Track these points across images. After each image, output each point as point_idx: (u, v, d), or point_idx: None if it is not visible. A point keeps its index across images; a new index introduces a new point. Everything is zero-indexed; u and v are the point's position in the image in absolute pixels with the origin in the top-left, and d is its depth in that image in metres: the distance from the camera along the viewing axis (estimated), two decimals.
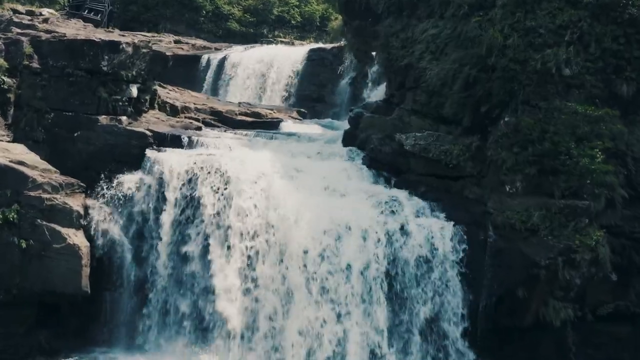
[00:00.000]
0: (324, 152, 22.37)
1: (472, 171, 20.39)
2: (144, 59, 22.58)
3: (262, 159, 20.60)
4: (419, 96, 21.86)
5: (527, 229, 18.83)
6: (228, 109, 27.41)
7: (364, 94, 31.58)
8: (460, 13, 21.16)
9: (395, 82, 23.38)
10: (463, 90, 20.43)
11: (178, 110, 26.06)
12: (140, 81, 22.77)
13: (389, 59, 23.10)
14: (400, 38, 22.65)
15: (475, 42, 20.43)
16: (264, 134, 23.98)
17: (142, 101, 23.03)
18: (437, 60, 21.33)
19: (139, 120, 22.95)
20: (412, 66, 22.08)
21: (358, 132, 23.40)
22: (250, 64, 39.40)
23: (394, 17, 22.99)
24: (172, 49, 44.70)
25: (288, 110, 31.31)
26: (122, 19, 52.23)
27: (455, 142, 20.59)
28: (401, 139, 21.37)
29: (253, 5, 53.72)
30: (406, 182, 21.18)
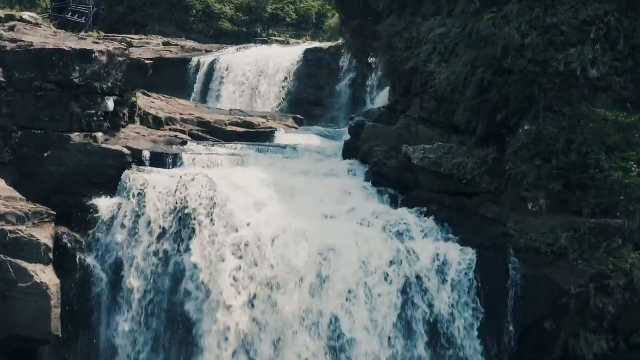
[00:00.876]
0: (323, 167, 20.42)
1: (489, 187, 18.47)
2: (120, 68, 20.58)
3: (254, 180, 18.64)
4: (427, 103, 19.93)
5: (554, 252, 17.01)
6: (217, 118, 25.39)
7: (366, 97, 29.56)
8: (471, 10, 19.17)
9: (399, 87, 21.41)
10: (476, 96, 18.48)
11: (162, 122, 24.06)
12: (118, 93, 20.79)
13: (392, 61, 21.13)
14: (404, 38, 20.69)
15: (488, 42, 18.46)
16: (256, 148, 21.94)
17: (120, 115, 21.05)
18: (446, 62, 19.36)
19: (116, 136, 20.97)
20: (419, 69, 20.12)
21: (360, 143, 21.43)
22: (242, 66, 37.37)
23: (396, 16, 21.03)
24: (160, 51, 42.81)
25: (283, 117, 29.27)
26: (108, 21, 50.20)
27: (469, 155, 18.67)
28: (408, 151, 19.41)
29: (246, 4, 51.66)
30: (415, 200, 19.23)
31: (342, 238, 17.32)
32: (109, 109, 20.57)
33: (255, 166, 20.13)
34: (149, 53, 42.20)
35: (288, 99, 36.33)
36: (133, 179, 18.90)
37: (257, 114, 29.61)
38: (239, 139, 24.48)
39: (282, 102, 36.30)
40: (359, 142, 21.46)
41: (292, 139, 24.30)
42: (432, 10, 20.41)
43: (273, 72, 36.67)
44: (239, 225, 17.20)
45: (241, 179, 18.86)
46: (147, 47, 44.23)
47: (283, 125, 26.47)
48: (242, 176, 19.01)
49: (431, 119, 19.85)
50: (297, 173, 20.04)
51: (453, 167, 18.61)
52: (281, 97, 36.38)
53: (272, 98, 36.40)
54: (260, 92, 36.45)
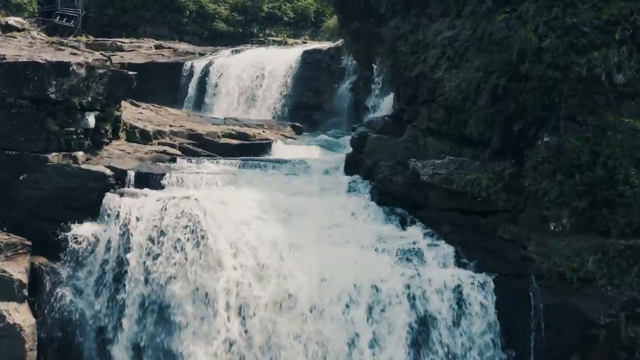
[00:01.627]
0: (323, 185, 18.92)
1: (506, 205, 16.99)
2: (101, 81, 19.12)
3: (247, 202, 17.13)
4: (435, 112, 18.45)
5: (580, 278, 15.61)
6: (209, 130, 23.93)
7: (369, 101, 28.00)
8: (482, 10, 17.66)
9: (405, 95, 19.90)
10: (490, 105, 17.00)
11: (150, 136, 22.64)
12: (99, 108, 19.35)
13: (396, 67, 19.62)
14: (409, 42, 19.18)
15: (502, 45, 16.97)
16: (250, 163, 20.46)
17: (102, 132, 19.61)
18: (456, 68, 17.86)
19: (99, 154, 19.53)
20: (426, 76, 18.63)
21: (363, 157, 19.96)
22: (237, 70, 35.89)
23: (400, 17, 19.52)
24: (152, 55, 41.43)
25: (280, 126, 27.82)
26: (98, 24, 48.70)
27: (483, 170, 17.20)
28: (416, 167, 17.94)
29: (241, 3, 50.08)
30: (425, 220, 17.76)
31: (343, 266, 15.80)
32: (90, 125, 19.12)
33: (249, 185, 18.67)
34: (140, 57, 40.84)
35: (286, 103, 34.87)
36: (115, 203, 17.47)
37: (252, 122, 28.17)
38: (232, 151, 23.05)
39: (280, 107, 34.84)
40: (362, 156, 20.00)
41: (289, 151, 22.84)
42: (439, 11, 18.90)
43: (270, 75, 35.21)
44: (227, 264, 15.68)
45: (233, 200, 17.40)
46: (138, 50, 42.86)
47: (280, 135, 25.02)
48: (234, 197, 17.56)
49: (440, 130, 18.37)
50: (294, 192, 18.60)
51: (466, 183, 17.15)
52: (279, 102, 34.92)
53: (270, 103, 34.94)
54: (257, 97, 35.01)
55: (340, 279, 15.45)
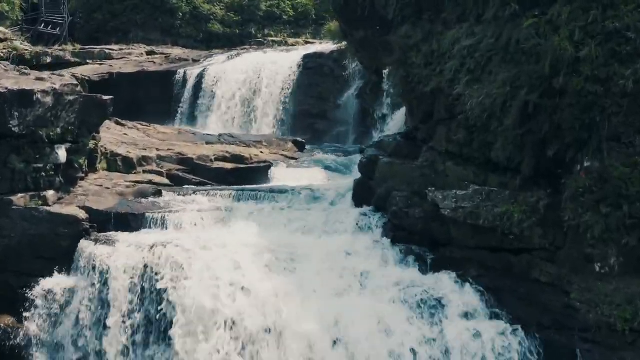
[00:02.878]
0: (329, 220, 16.85)
1: (542, 242, 14.87)
2: (72, 109, 17.11)
3: (241, 248, 15.08)
4: (455, 133, 16.36)
5: (634, 330, 13.45)
6: (201, 153, 21.87)
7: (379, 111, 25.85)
8: (506, 14, 15.47)
9: (419, 112, 17.80)
10: (519, 125, 14.85)
11: (134, 163, 20.65)
12: (71, 139, 17.38)
13: (408, 80, 17.50)
14: (422, 52, 17.04)
15: (532, 55, 14.82)
16: (247, 195, 18.38)
17: (75, 166, 17.59)
18: (477, 82, 15.71)
19: (73, 192, 17.56)
20: (443, 91, 16.52)
21: (373, 184, 17.90)
22: (233, 78, 33.89)
23: (410, 24, 17.37)
24: (143, 63, 39.41)
25: (281, 142, 25.78)
26: (86, 30, 46.75)
27: (514, 201, 15.10)
28: (436, 198, 15.85)
29: (237, 2, 47.94)
30: (447, 261, 15.67)
31: (356, 323, 13.71)
32: (61, 160, 17.12)
33: (244, 223, 16.63)
34: (130, 66, 38.89)
35: (287, 112, 32.82)
36: (90, 252, 15.46)
37: (250, 138, 26.19)
38: (226, 177, 21.10)
39: (280, 116, 32.79)
40: (373, 183, 17.93)
41: (290, 175, 20.79)
42: (455, 16, 16.75)
43: (268, 83, 33.18)
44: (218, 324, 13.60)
45: (224, 244, 15.31)
46: (129, 58, 40.87)
47: (280, 156, 22.94)
48: (226, 240, 15.49)
49: (462, 154, 16.27)
50: (296, 230, 16.56)
51: (495, 218, 15.05)
52: (279, 111, 32.88)
53: (270, 113, 32.93)
54: (255, 106, 32.99)
55: (354, 342, 13.32)
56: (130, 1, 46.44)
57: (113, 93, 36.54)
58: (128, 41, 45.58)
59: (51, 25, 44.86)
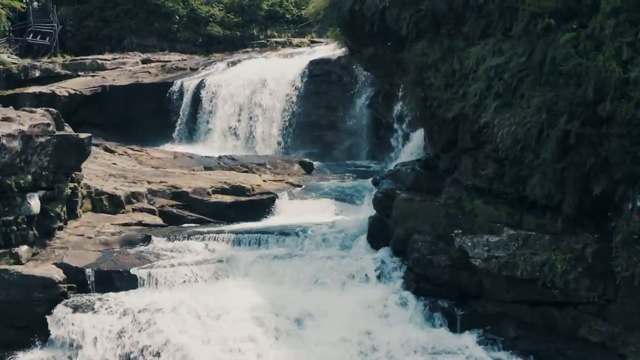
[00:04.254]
0: (341, 269, 15.07)
1: (591, 295, 13.08)
2: (44, 151, 15.37)
3: (242, 311, 13.31)
4: (483, 165, 14.54)
5: None
6: (197, 186, 20.08)
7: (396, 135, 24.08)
8: (538, 28, 13.62)
9: (440, 139, 15.98)
10: (559, 158, 13.04)
11: (122, 202, 18.90)
12: (45, 186, 15.62)
13: (426, 104, 15.63)
14: (441, 72, 15.21)
15: (571, 76, 12.95)
16: (248, 239, 16.60)
17: (51, 215, 15.77)
18: (507, 107, 13.88)
19: (49, 246, 15.83)
20: (467, 117, 14.69)
21: (391, 222, 16.11)
22: (234, 88, 32.14)
23: (427, 40, 15.52)
24: (137, 73, 37.72)
25: (286, 163, 24.07)
26: (78, 38, 45.04)
27: (555, 247, 13.34)
28: (464, 245, 14.06)
29: (237, 2, 46.08)
30: (479, 317, 13.88)
31: None
32: (33, 211, 15.40)
33: (245, 276, 14.89)
34: (124, 77, 37.22)
35: (293, 124, 31.00)
36: (67, 322, 13.67)
37: (252, 160, 24.51)
38: (226, 212, 19.36)
39: (286, 129, 30.99)
40: (390, 221, 16.11)
41: (297, 208, 19.02)
42: (478, 30, 14.91)
43: (272, 92, 31.46)
44: None
45: (222, 306, 13.60)
46: (123, 68, 39.19)
47: (286, 183, 21.10)
48: (224, 301, 13.77)
49: (492, 190, 14.45)
50: (304, 283, 14.76)
51: (534, 268, 13.26)
52: (285, 123, 31.08)
53: (274, 125, 31.17)
54: (259, 119, 31.20)
55: None
56: (122, 6, 44.64)
57: (106, 107, 35.45)
58: (122, 49, 43.91)
59: (40, 35, 43.06)
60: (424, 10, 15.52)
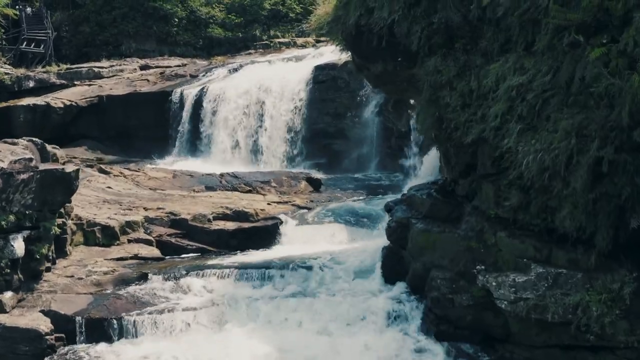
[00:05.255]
0: (353, 310, 14.09)
1: (629, 339, 12.13)
2: (27, 188, 14.44)
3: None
4: (506, 193, 13.57)
5: None
6: (197, 211, 19.16)
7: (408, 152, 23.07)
8: (564, 42, 12.56)
9: (458, 163, 14.98)
10: (591, 187, 12.04)
11: (116, 233, 17.96)
12: (29, 225, 14.64)
13: (441, 126, 14.60)
14: (457, 91, 14.18)
15: (602, 97, 11.90)
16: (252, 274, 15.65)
17: (37, 257, 14.82)
18: (532, 131, 12.88)
19: (36, 290, 14.97)
20: (487, 141, 13.63)
21: (406, 255, 15.09)
22: (236, 97, 31.15)
23: (441, 56, 14.49)
24: (135, 81, 36.79)
25: (292, 180, 23.13)
26: (73, 45, 44.04)
27: (589, 286, 12.40)
28: (488, 284, 13.07)
29: (238, 3, 45.01)
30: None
31: None
32: (17, 254, 14.50)
33: (247, 321, 13.89)
34: (122, 85, 36.29)
35: (299, 133, 30.00)
36: None
37: (256, 177, 23.56)
38: (228, 241, 18.51)
39: (292, 139, 29.99)
40: (405, 253, 15.09)
41: (304, 235, 18.08)
42: (497, 45, 13.87)
43: (276, 101, 30.42)
44: None
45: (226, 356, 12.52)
46: (120, 75, 38.26)
47: (292, 205, 20.11)
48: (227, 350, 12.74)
49: (516, 221, 13.47)
50: (314, 326, 13.77)
51: (566, 310, 12.27)
52: (290, 133, 30.07)
53: (279, 135, 30.15)
54: (263, 129, 30.20)
55: None
56: (119, 10, 43.64)
57: (103, 119, 34.49)
58: (120, 54, 42.95)
59: (34, 43, 42.14)
60: (437, 23, 14.50)
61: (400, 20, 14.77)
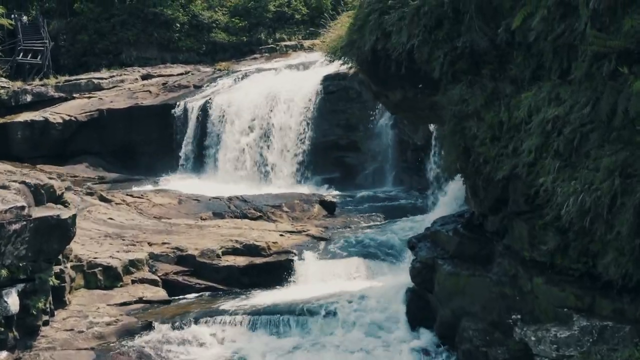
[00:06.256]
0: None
1: None
2: (20, 239, 13.59)
3: None
4: (542, 235, 12.60)
5: None
6: (205, 247, 18.33)
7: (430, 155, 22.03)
8: (604, 71, 11.56)
9: (487, 198, 14.05)
10: (637, 232, 11.09)
11: (118, 273, 17.09)
12: (24, 277, 13.78)
13: (468, 158, 13.67)
14: (485, 122, 13.28)
15: None
16: (266, 321, 14.78)
17: (33, 313, 13.97)
18: (570, 168, 11.95)
19: (34, 347, 14.15)
20: (520, 178, 12.69)
21: (433, 299, 14.14)
22: (243, 109, 30.27)
23: (466, 83, 13.53)
24: (137, 93, 36.05)
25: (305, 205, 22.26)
26: (72, 54, 43.26)
27: (638, 340, 11.30)
28: (526, 338, 12.10)
29: (241, 5, 44.09)
30: None
31: None
32: (12, 310, 13.70)
33: None
34: (122, 98, 35.52)
35: (310, 146, 29.11)
36: None
37: (266, 201, 22.74)
38: (239, 278, 17.81)
39: (302, 152, 29.10)
40: (431, 298, 14.16)
41: (320, 271, 17.18)
42: (528, 72, 12.94)
43: (285, 113, 29.55)
44: None
45: None
46: (121, 86, 37.44)
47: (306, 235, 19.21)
48: None
49: (554, 266, 12.53)
50: None
51: None
52: (300, 146, 29.19)
53: (289, 149, 29.31)
54: (272, 144, 29.30)
55: None
56: (118, 17, 42.80)
57: (104, 133, 33.65)
58: (121, 63, 42.13)
59: (31, 54, 41.36)
60: (460, 48, 13.58)
61: (421, 44, 13.84)
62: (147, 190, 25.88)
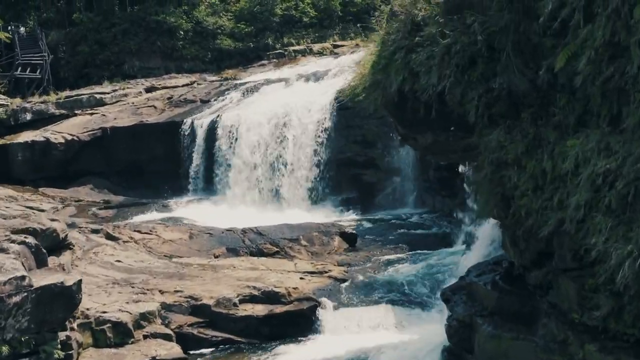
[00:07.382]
0: None
1: None
2: (22, 311, 12.76)
3: None
4: (592, 296, 11.73)
5: None
6: (220, 294, 17.49)
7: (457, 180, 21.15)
8: None
9: (529, 250, 13.15)
10: None
11: (129, 329, 16.24)
12: (27, 351, 13.20)
13: (509, 210, 12.79)
14: (527, 171, 12.36)
15: None
16: None
17: None
18: (624, 226, 10.99)
19: None
20: (567, 234, 11.79)
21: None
22: (253, 127, 29.41)
23: (504, 128, 12.61)
24: (141, 108, 35.23)
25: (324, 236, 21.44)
26: (72, 67, 42.46)
27: None
28: None
29: (247, 9, 43.11)
30: None
31: None
32: None
33: None
34: (126, 114, 34.74)
35: (326, 165, 28.24)
36: None
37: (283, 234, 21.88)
38: (259, 329, 17.01)
39: (317, 171, 28.25)
40: (471, 357, 13.26)
41: (345, 320, 16.35)
42: (573, 117, 12.05)
43: (298, 130, 28.65)
44: None
45: None
46: (124, 101, 36.66)
47: (329, 278, 18.31)
48: None
49: (607, 331, 11.62)
50: None
51: None
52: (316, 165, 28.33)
53: (303, 168, 28.46)
54: (285, 163, 28.45)
55: None
56: (119, 26, 41.94)
57: (107, 153, 32.76)
58: (123, 74, 41.26)
59: (30, 68, 40.57)
60: (497, 89, 12.66)
61: (452, 86, 12.92)
62: (155, 220, 25.06)
